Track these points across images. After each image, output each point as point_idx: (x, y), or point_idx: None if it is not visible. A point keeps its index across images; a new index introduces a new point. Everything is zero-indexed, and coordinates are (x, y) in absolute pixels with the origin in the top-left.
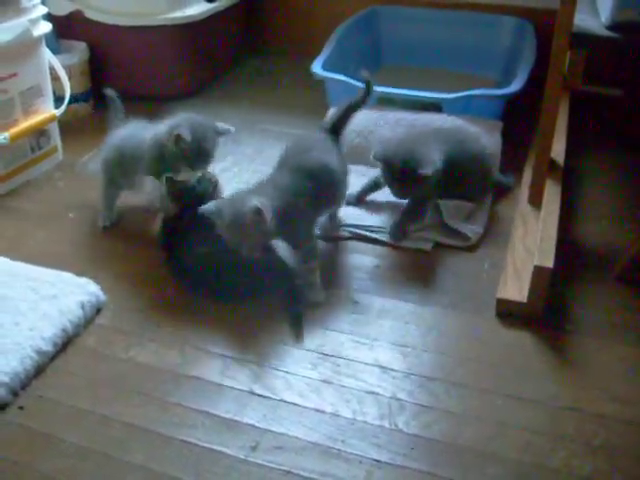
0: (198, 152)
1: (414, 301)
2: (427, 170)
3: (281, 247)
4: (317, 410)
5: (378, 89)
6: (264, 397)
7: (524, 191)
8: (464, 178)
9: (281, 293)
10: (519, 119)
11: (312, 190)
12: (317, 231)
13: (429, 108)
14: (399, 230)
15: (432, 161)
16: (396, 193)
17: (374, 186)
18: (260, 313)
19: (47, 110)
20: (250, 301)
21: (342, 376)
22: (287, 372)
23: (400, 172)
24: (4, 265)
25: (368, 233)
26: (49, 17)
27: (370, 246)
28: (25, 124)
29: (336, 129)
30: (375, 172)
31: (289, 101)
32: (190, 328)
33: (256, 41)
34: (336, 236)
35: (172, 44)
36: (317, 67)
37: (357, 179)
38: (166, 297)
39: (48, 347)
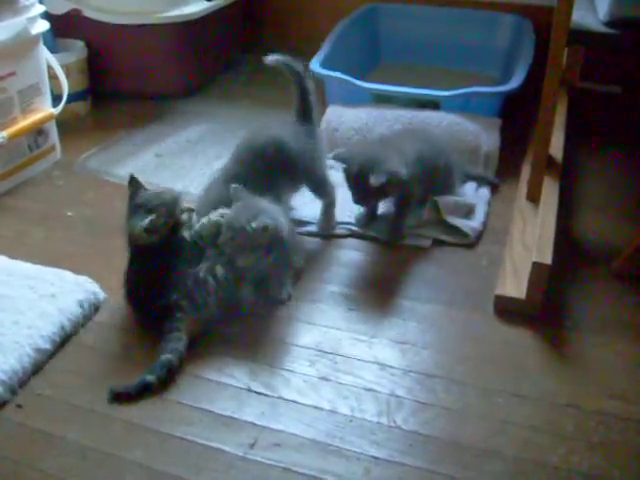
0: None
1: (412, 298)
2: (378, 180)
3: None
4: (315, 407)
5: (376, 87)
6: (262, 394)
7: (522, 187)
8: (432, 175)
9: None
10: (517, 116)
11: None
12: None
13: (428, 106)
14: (396, 231)
15: (389, 171)
16: (354, 198)
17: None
18: (258, 312)
19: (45, 109)
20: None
21: (340, 373)
22: (285, 369)
23: (355, 177)
24: (3, 264)
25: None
26: (47, 16)
27: (368, 243)
28: (23, 123)
29: (303, 116)
30: None
31: (288, 99)
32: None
33: (254, 39)
34: (333, 234)
35: (171, 43)
36: (315, 65)
37: None
38: None
39: (47, 345)
